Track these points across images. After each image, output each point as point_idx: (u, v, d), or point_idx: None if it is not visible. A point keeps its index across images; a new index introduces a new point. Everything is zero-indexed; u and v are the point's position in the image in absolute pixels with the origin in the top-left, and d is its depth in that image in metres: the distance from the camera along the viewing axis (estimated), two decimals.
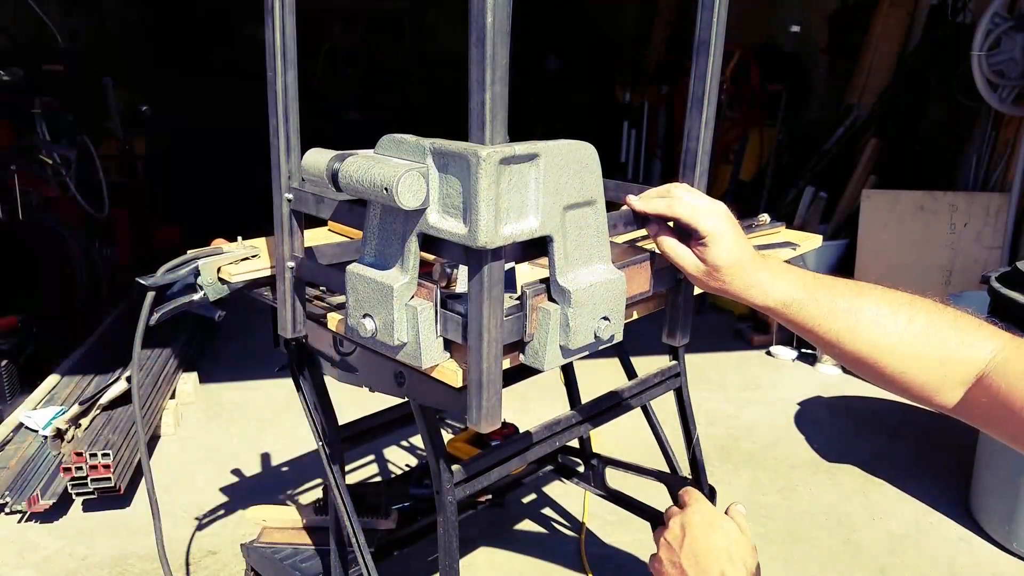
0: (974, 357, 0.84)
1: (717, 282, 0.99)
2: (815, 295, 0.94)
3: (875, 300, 0.91)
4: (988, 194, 3.69)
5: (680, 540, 0.99)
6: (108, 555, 2.35)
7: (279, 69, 1.11)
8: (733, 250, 0.97)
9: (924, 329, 0.87)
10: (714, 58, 1.13)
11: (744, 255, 0.97)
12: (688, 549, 0.98)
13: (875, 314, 0.90)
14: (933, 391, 0.87)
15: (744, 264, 0.97)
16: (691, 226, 0.98)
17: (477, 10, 0.79)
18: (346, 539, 1.51)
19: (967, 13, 4.05)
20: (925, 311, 0.88)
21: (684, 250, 1.01)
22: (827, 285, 0.95)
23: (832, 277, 0.97)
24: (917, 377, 0.87)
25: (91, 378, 3.19)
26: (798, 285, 0.96)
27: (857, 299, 0.92)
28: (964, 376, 0.85)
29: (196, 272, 1.32)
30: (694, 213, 0.98)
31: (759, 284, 0.97)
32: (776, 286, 0.96)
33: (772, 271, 0.97)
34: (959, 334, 0.86)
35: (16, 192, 3.65)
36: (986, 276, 2.44)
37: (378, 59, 9.39)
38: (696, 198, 1.00)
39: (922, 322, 0.87)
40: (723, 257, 0.97)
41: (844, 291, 0.93)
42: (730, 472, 2.89)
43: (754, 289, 0.97)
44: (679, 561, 0.97)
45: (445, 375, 0.99)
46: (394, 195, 0.84)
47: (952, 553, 2.44)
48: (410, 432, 2.80)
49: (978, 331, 0.86)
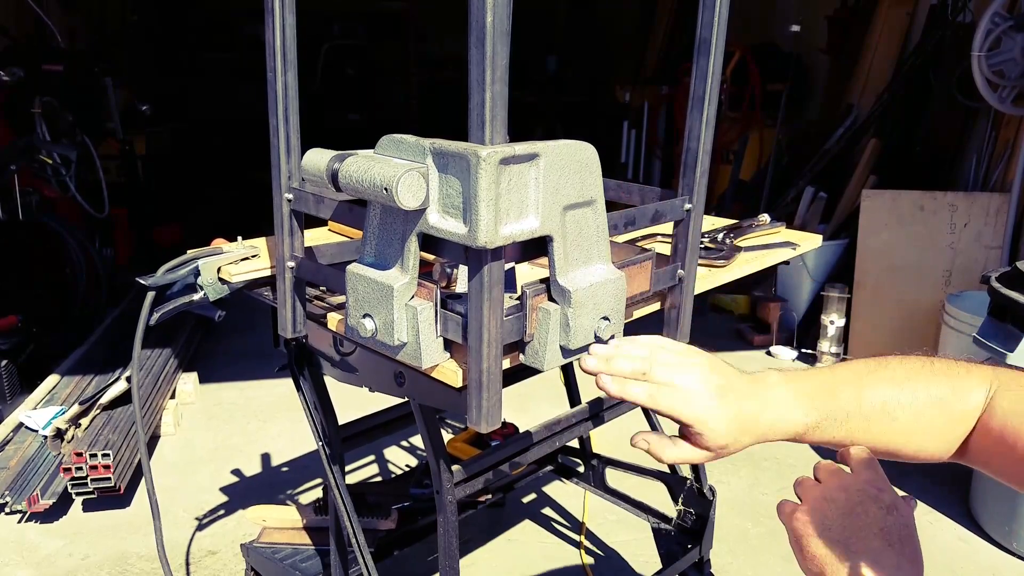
0: (971, 408, 0.83)
1: (731, 450, 0.88)
2: (825, 410, 0.86)
3: (878, 384, 0.86)
4: (988, 194, 3.69)
5: (845, 505, 0.78)
6: (108, 555, 2.35)
7: (279, 69, 1.11)
8: (728, 422, 0.85)
9: (927, 399, 0.85)
10: (715, 58, 1.13)
11: (740, 413, 0.86)
12: (849, 519, 0.77)
13: (882, 403, 0.85)
14: (939, 451, 0.86)
15: (745, 424, 0.86)
16: (673, 417, 0.87)
17: (477, 10, 0.79)
18: (346, 539, 1.51)
19: (967, 13, 4.05)
20: (921, 380, 0.85)
21: (685, 450, 0.88)
22: (828, 389, 0.88)
23: (827, 370, 0.90)
24: (931, 446, 0.85)
25: (91, 378, 3.19)
26: (808, 408, 0.87)
27: (861, 392, 0.86)
28: (965, 430, 0.84)
29: (196, 272, 1.32)
30: (675, 403, 0.85)
31: (772, 427, 0.87)
32: (788, 417, 0.87)
33: (777, 405, 0.87)
34: (953, 391, 0.84)
35: (16, 192, 3.65)
36: (986, 276, 2.44)
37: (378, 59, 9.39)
38: (669, 373, 0.86)
39: (923, 394, 0.85)
40: (722, 435, 0.85)
41: (848, 392, 0.87)
42: (730, 472, 2.89)
43: (770, 433, 0.87)
44: (836, 525, 0.76)
45: (445, 375, 0.99)
46: (394, 195, 0.84)
47: (952, 553, 2.44)
48: (410, 432, 2.80)
49: (968, 378, 0.84)
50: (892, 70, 4.58)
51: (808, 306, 4.31)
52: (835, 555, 0.72)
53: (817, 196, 4.54)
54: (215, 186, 7.25)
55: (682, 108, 2.92)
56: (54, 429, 2.55)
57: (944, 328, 3.04)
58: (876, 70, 4.69)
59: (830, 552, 0.73)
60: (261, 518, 2.03)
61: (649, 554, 2.30)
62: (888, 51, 4.66)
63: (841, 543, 0.73)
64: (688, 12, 6.44)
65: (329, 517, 1.60)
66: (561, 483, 2.50)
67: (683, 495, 1.87)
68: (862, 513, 0.74)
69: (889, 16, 4.66)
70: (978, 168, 3.88)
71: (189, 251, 1.37)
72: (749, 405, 0.86)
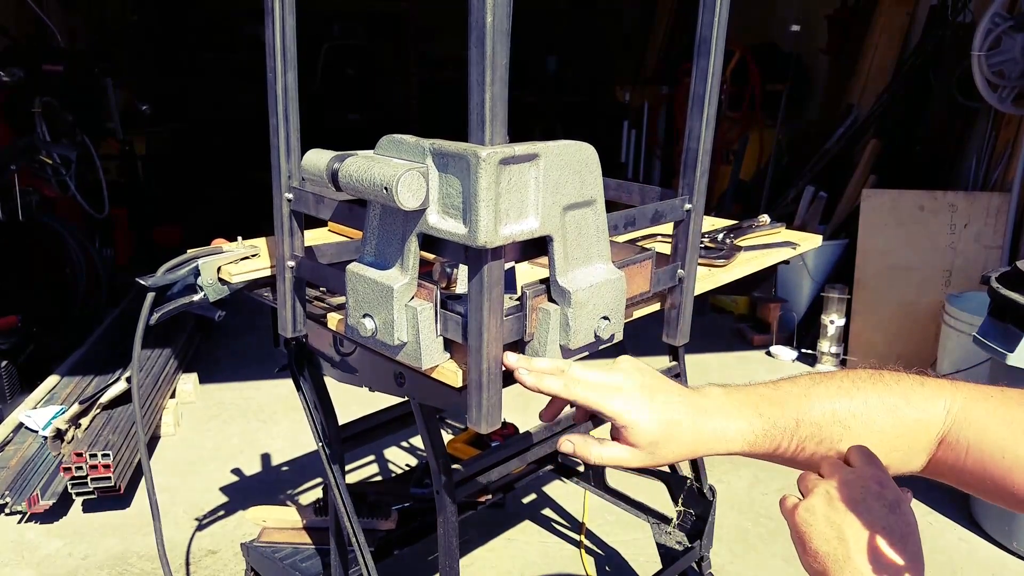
0: (929, 420, 0.82)
1: (663, 456, 0.83)
2: (771, 418, 0.84)
3: (826, 395, 0.84)
4: (988, 194, 3.69)
5: (848, 499, 0.75)
6: (108, 555, 2.35)
7: (279, 69, 1.11)
8: (657, 421, 0.81)
9: (879, 408, 0.83)
10: (715, 58, 1.13)
11: (675, 412, 0.83)
12: (850, 515, 0.75)
13: (832, 411, 0.83)
14: (899, 463, 0.84)
15: (680, 423, 0.82)
16: (595, 411, 0.84)
17: (477, 10, 0.79)
18: (346, 539, 1.51)
19: (967, 13, 4.05)
20: (872, 389, 0.84)
21: (612, 449, 0.84)
22: (772, 398, 0.85)
23: (770, 383, 0.88)
24: (884, 455, 0.82)
25: (91, 378, 3.19)
26: (752, 416, 0.84)
27: (810, 401, 0.84)
28: (926, 441, 0.82)
29: (196, 272, 1.32)
30: (594, 395, 0.83)
31: (714, 435, 0.83)
32: (732, 427, 0.84)
33: (719, 414, 0.84)
34: (908, 401, 0.83)
35: (16, 192, 3.65)
36: (986, 276, 2.44)
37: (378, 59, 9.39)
38: (591, 373, 0.85)
39: (875, 402, 0.83)
40: (649, 431, 0.81)
41: (794, 400, 0.85)
42: (730, 471, 2.89)
43: (712, 441, 0.83)
44: (839, 521, 0.74)
45: (445, 375, 0.99)
46: (394, 195, 0.84)
47: (952, 553, 2.44)
48: (410, 432, 2.80)
49: (922, 389, 0.83)
50: (892, 70, 4.59)
51: (808, 306, 4.31)
52: (838, 551, 0.72)
53: (817, 196, 4.54)
54: (215, 186, 7.26)
55: (682, 108, 2.92)
56: (54, 429, 2.55)
57: (944, 328, 3.04)
58: (876, 70, 4.69)
59: (833, 548, 0.72)
60: (261, 518, 2.03)
61: (649, 554, 2.30)
62: (888, 51, 4.66)
63: (843, 539, 0.72)
64: (688, 12, 6.44)
65: (329, 517, 1.60)
66: (561, 483, 2.50)
67: (683, 495, 1.87)
68: (865, 510, 0.73)
69: (889, 16, 4.66)
70: (978, 168, 3.88)
71: (189, 251, 1.37)
72: (682, 410, 0.83)
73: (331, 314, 1.22)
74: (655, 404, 0.83)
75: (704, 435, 0.83)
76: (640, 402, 0.83)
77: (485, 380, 0.91)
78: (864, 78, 4.77)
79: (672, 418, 0.83)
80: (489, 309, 0.88)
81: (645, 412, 0.82)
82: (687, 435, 0.83)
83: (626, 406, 0.82)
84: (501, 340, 0.91)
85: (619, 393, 0.83)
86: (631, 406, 0.82)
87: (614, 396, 0.83)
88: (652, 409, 0.82)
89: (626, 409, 0.82)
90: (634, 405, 0.82)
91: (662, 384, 0.86)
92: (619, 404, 0.82)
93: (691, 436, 0.83)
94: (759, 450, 0.85)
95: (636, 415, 0.82)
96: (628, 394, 0.83)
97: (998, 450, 0.76)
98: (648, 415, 0.82)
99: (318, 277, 1.21)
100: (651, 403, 0.83)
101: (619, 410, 0.82)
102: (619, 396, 0.83)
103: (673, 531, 1.90)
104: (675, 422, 0.82)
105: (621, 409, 0.82)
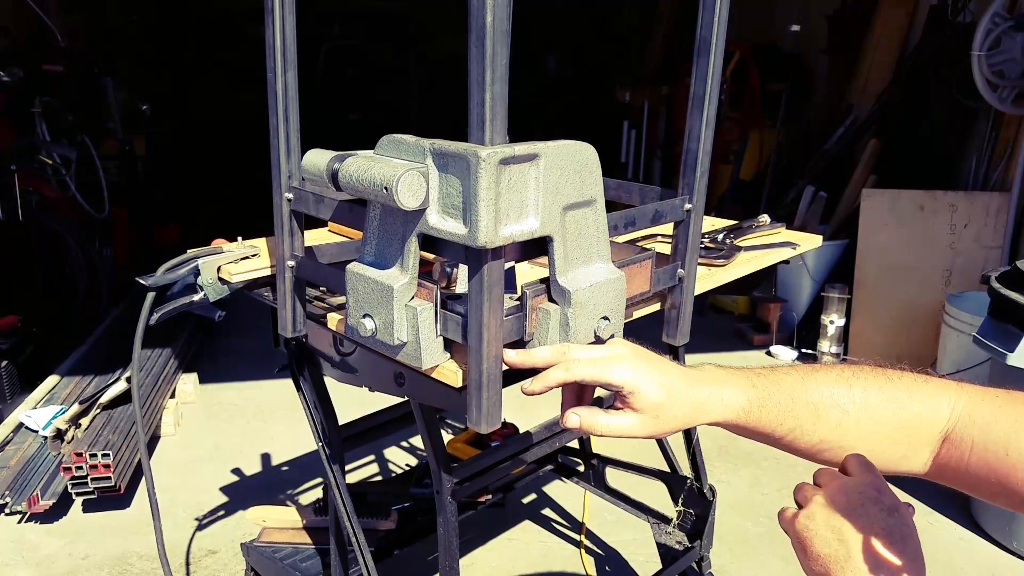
0: (932, 416, 0.82)
1: (667, 422, 0.86)
2: (765, 391, 0.86)
3: (824, 381, 0.86)
4: (988, 194, 3.69)
5: (847, 505, 0.75)
6: (108, 555, 2.35)
7: (279, 69, 1.11)
8: (660, 380, 0.85)
9: (879, 398, 0.84)
10: (715, 58, 1.13)
11: (673, 378, 0.86)
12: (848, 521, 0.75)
13: (831, 395, 0.85)
14: (901, 458, 0.85)
15: (679, 388, 0.86)
16: (600, 383, 0.87)
17: (477, 10, 0.79)
18: (346, 539, 1.51)
19: (967, 13, 4.05)
20: (873, 380, 0.85)
21: (618, 418, 0.87)
22: (768, 376, 0.88)
23: (766, 368, 0.90)
24: (885, 449, 0.84)
25: (91, 378, 3.19)
26: (746, 385, 0.87)
27: (807, 384, 0.86)
28: (928, 437, 0.82)
29: (196, 272, 1.32)
30: (596, 369, 0.86)
31: (710, 398, 0.87)
32: (726, 393, 0.87)
33: (713, 381, 0.88)
34: (910, 395, 0.83)
35: (16, 192, 3.65)
36: (986, 276, 2.44)
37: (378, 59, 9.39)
38: (590, 351, 0.89)
39: (875, 392, 0.84)
40: (655, 392, 0.84)
41: (790, 380, 0.87)
42: (730, 471, 2.89)
43: (708, 404, 0.86)
44: (838, 525, 0.75)
45: (445, 375, 0.99)
46: (394, 195, 0.84)
47: (952, 553, 2.44)
48: (410, 432, 2.80)
49: (926, 387, 0.83)
50: (892, 70, 4.59)
51: (808, 306, 4.31)
52: (839, 552, 0.73)
53: (817, 196, 4.55)
54: (215, 186, 7.25)
55: (682, 108, 2.92)
56: (54, 429, 2.55)
57: (944, 328, 3.04)
58: (876, 70, 4.69)
59: (834, 550, 0.73)
60: (261, 518, 2.03)
61: (649, 554, 2.30)
62: (888, 51, 4.66)
63: (844, 541, 0.73)
64: (688, 12, 6.44)
65: (329, 517, 1.60)
66: (561, 483, 2.50)
67: (683, 495, 1.87)
68: (863, 514, 0.73)
69: (889, 16, 4.66)
70: (978, 168, 3.88)
71: (189, 251, 1.37)
72: (680, 377, 0.87)
73: (331, 314, 1.22)
74: (652, 368, 0.86)
75: (701, 399, 0.86)
76: (642, 366, 0.86)
77: (485, 380, 0.91)
78: (864, 78, 4.77)
79: (672, 383, 0.86)
80: (489, 309, 0.88)
81: (647, 376, 0.85)
82: (686, 399, 0.86)
83: (630, 371, 0.85)
84: (501, 340, 0.91)
85: (620, 361, 0.86)
86: (634, 371, 0.85)
87: (615, 364, 0.86)
88: (652, 373, 0.86)
89: (630, 374, 0.85)
90: (637, 370, 0.85)
91: (657, 356, 0.90)
92: (622, 370, 0.85)
93: (689, 399, 0.86)
94: (755, 421, 0.87)
95: (640, 379, 0.85)
96: (629, 360, 0.87)
97: (1002, 448, 0.77)
98: (650, 378, 0.85)
99: (318, 277, 1.21)
100: (651, 369, 0.86)
101: (623, 376, 0.85)
102: (620, 363, 0.86)
103: (673, 531, 1.90)
104: (675, 387, 0.86)
105: (625, 375, 0.85)
